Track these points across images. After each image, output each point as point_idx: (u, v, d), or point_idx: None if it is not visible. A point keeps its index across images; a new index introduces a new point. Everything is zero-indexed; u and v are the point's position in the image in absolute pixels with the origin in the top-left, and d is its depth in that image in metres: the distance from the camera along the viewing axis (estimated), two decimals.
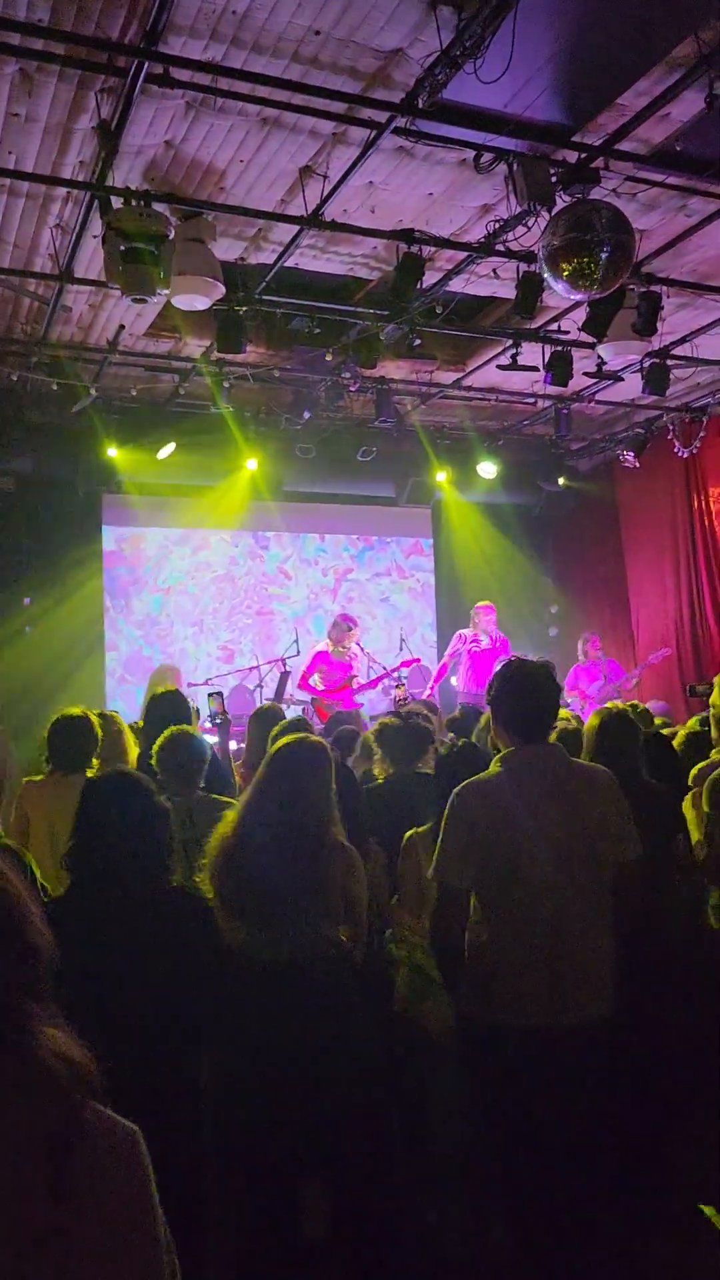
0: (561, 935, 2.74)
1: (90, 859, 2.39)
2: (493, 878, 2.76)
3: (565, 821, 2.79)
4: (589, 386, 9.28)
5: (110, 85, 4.83)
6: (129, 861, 2.36)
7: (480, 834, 2.77)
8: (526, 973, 2.73)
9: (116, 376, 8.91)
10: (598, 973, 2.80)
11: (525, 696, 2.91)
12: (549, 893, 2.74)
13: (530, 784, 2.82)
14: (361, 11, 4.42)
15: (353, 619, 9.69)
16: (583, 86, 4.89)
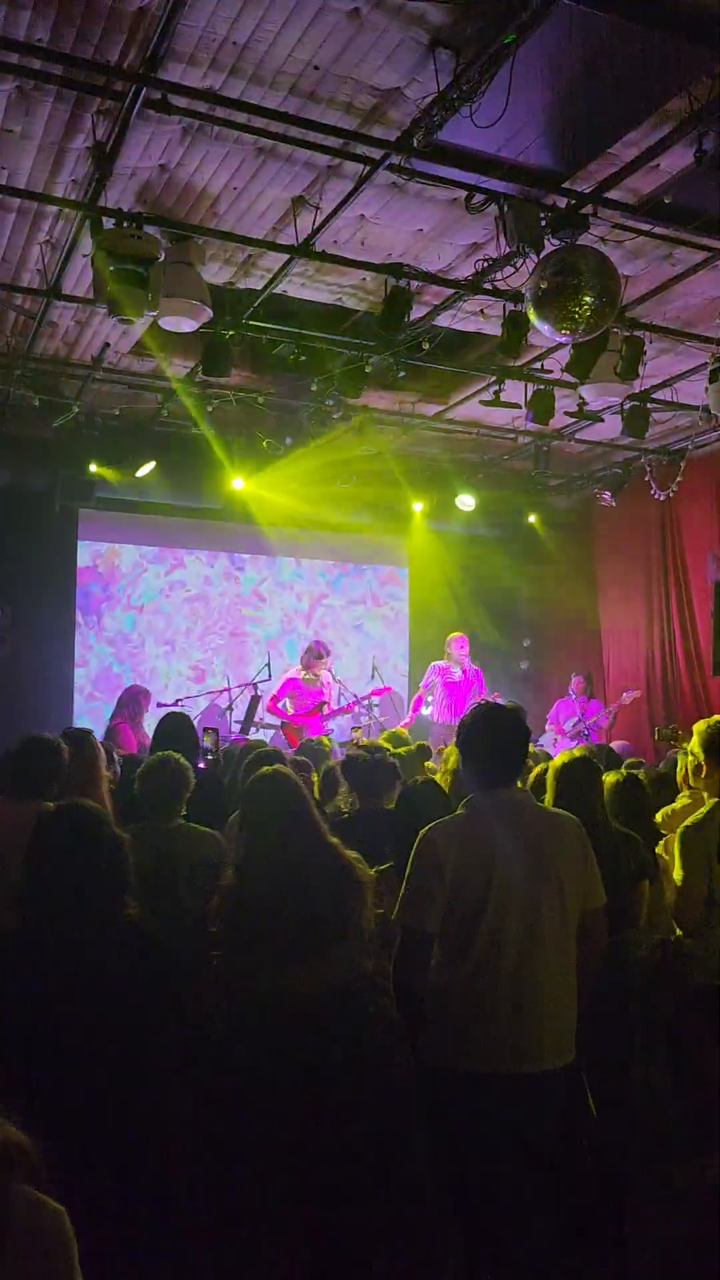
0: (526, 983, 2.72)
1: (41, 893, 2.35)
2: (458, 922, 2.74)
3: (532, 868, 2.78)
4: (569, 425, 9.36)
5: (107, 108, 4.84)
6: (80, 896, 2.32)
7: (447, 877, 2.75)
8: (489, 1020, 2.71)
9: (99, 393, 8.89)
10: (561, 1021, 2.79)
11: (495, 740, 2.90)
12: (514, 939, 2.72)
13: (498, 828, 2.81)
14: (361, 50, 4.46)
15: (325, 646, 9.70)
16: (575, 135, 4.96)
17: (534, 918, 2.75)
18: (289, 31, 4.35)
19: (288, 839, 2.75)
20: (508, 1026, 2.70)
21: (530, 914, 2.75)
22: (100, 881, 2.37)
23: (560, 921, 2.80)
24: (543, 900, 2.76)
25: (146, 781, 3.96)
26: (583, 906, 2.86)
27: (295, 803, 2.83)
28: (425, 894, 2.77)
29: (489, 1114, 2.65)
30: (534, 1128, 2.68)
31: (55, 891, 2.34)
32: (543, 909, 2.76)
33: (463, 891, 2.74)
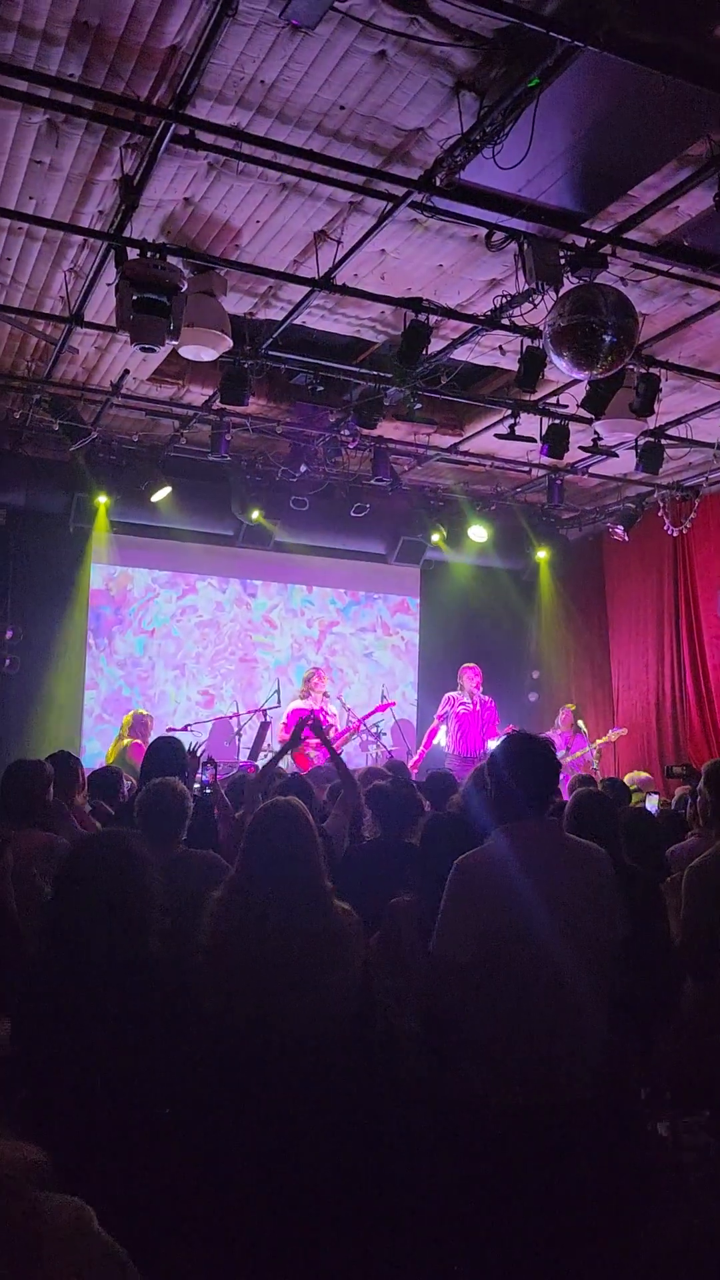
0: (556, 1013, 2.72)
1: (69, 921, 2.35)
2: (490, 952, 2.74)
3: (564, 898, 2.78)
4: (583, 459, 9.41)
5: (135, 142, 4.92)
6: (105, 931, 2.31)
7: (482, 908, 2.75)
8: (519, 1050, 2.70)
9: (117, 418, 8.98)
10: (588, 1053, 2.78)
11: (526, 771, 2.91)
12: (546, 969, 2.72)
13: (530, 859, 2.82)
14: (386, 91, 4.54)
15: (319, 671, 9.70)
16: (596, 178, 5.03)
17: (565, 948, 2.74)
18: (316, 72, 4.43)
19: (284, 870, 2.73)
20: (538, 1057, 2.69)
21: (562, 944, 2.74)
22: (128, 916, 2.35)
23: (591, 952, 2.80)
24: (573, 930, 2.76)
25: (147, 808, 3.93)
26: (609, 937, 2.86)
27: (299, 837, 2.81)
28: (458, 924, 2.77)
29: (514, 1143, 2.63)
30: (556, 1158, 2.66)
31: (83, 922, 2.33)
32: (573, 939, 2.75)
33: (495, 921, 2.73)
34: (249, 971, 2.63)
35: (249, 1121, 2.56)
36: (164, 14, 4.11)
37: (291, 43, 4.24)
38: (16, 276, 6.41)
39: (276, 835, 2.82)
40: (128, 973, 2.32)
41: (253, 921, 2.65)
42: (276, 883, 2.72)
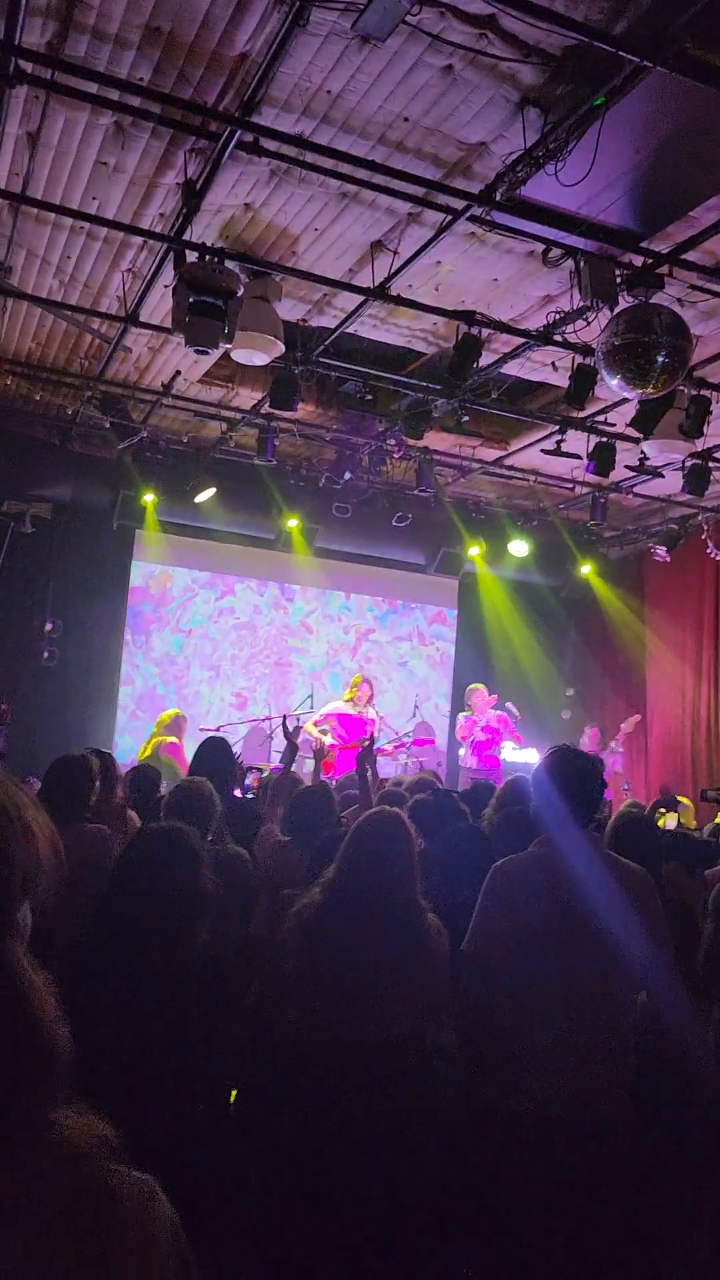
0: (588, 1026, 2.71)
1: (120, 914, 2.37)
2: (524, 959, 2.73)
3: (601, 911, 2.77)
4: (628, 479, 9.36)
5: (200, 146, 4.97)
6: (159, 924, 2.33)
7: (518, 912, 2.76)
8: (550, 1062, 2.69)
9: (165, 418, 9.05)
10: (619, 1069, 2.76)
11: (571, 783, 2.91)
12: (580, 981, 2.71)
13: (570, 869, 2.81)
14: (451, 104, 4.56)
15: (367, 679, 9.74)
16: (657, 197, 5.01)
17: (601, 962, 2.74)
18: (383, 83, 4.46)
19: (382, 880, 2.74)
20: (567, 1068, 2.68)
21: (598, 958, 2.74)
22: (181, 910, 2.38)
23: (624, 968, 2.79)
24: (610, 945, 2.75)
25: (175, 806, 3.96)
26: (648, 954, 2.85)
27: (402, 848, 2.81)
28: (494, 927, 2.78)
29: (543, 1159, 2.62)
30: (586, 1173, 2.64)
31: (137, 913, 2.35)
32: (610, 954, 2.75)
33: (530, 928, 2.74)
34: (336, 981, 2.64)
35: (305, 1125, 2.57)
36: (236, 22, 4.16)
37: (360, 54, 4.27)
38: (75, 275, 6.49)
39: (378, 844, 2.83)
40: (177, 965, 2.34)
41: (345, 933, 2.67)
42: (374, 891, 2.73)
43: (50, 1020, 0.95)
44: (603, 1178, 2.67)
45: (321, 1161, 2.54)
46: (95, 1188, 0.91)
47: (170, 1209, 0.95)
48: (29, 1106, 0.91)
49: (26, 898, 0.98)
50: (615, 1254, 2.71)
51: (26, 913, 0.97)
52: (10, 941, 0.95)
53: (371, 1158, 2.50)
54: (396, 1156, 2.50)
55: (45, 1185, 0.89)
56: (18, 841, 0.96)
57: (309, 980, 2.72)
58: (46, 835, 1.01)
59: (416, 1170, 2.52)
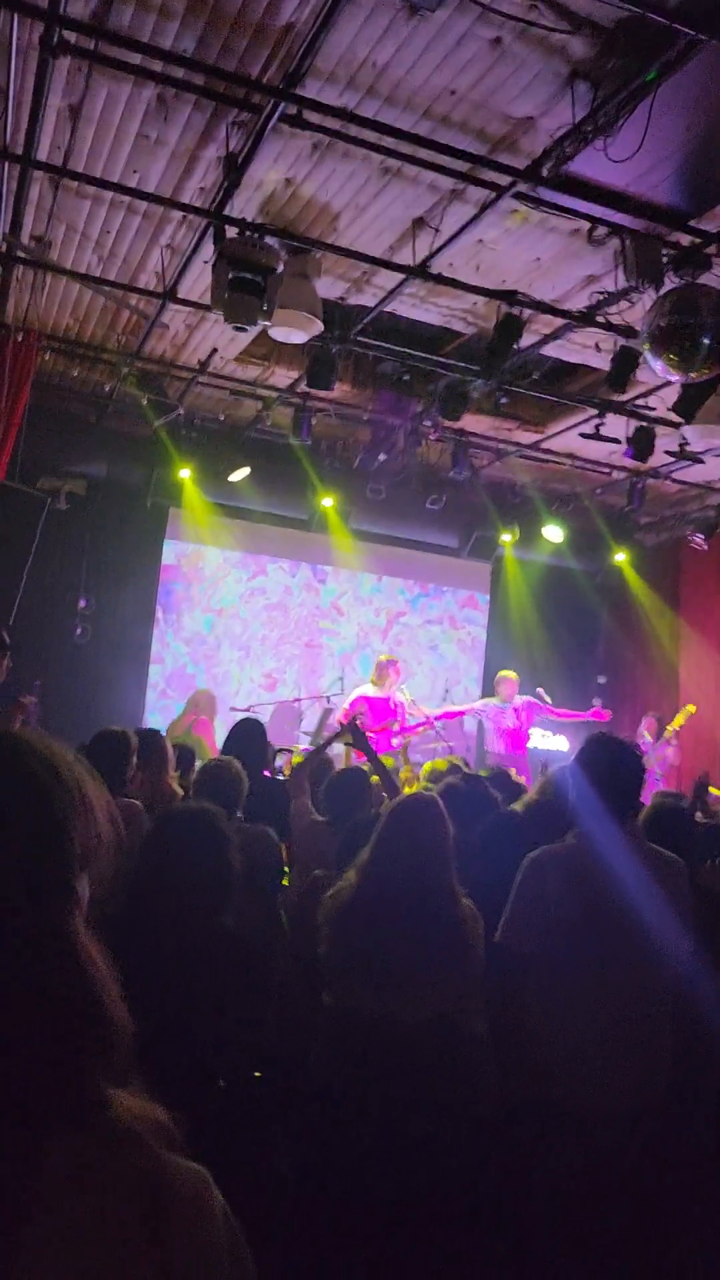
0: (622, 1018, 2.68)
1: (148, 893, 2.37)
2: (557, 948, 2.71)
3: (636, 902, 2.75)
4: (667, 464, 9.24)
5: (243, 119, 4.92)
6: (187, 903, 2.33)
7: (551, 903, 2.74)
8: (583, 1052, 2.67)
9: (201, 396, 9.02)
10: (655, 1061, 2.73)
11: (613, 773, 2.88)
12: (614, 971, 2.69)
13: (606, 861, 2.78)
14: (499, 78, 4.47)
15: (398, 665, 9.69)
16: (708, 176, 4.90)
17: (636, 952, 2.71)
18: (429, 56, 4.38)
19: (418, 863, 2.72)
20: (601, 1060, 2.66)
21: (632, 948, 2.71)
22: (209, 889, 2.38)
23: (657, 958, 2.76)
24: (645, 936, 2.72)
25: (203, 784, 3.98)
26: (674, 947, 2.82)
27: (439, 832, 2.80)
28: (527, 917, 2.77)
29: (576, 1148, 2.61)
30: (620, 1163, 2.62)
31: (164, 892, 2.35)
32: (644, 945, 2.72)
33: (566, 918, 2.72)
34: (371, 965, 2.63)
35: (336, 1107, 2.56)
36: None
37: (407, 25, 4.20)
38: (114, 250, 6.46)
39: (414, 828, 2.81)
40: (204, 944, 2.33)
41: (380, 917, 2.66)
42: (409, 875, 2.72)
43: (111, 996, 0.95)
44: (636, 1168, 2.64)
45: (351, 1143, 2.53)
46: (152, 1171, 0.91)
47: (221, 1199, 0.95)
48: (87, 1081, 0.91)
49: (86, 870, 0.96)
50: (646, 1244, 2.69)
51: (85, 885, 0.97)
52: (72, 914, 0.94)
53: (402, 1141, 2.49)
54: (428, 1141, 2.49)
55: (102, 1163, 0.89)
56: (78, 815, 0.96)
57: (342, 963, 2.70)
58: (104, 808, 1.01)
59: (448, 1156, 2.51)
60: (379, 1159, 2.48)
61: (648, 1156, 2.69)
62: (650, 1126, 2.70)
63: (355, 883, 2.79)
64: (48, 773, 0.96)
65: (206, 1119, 2.28)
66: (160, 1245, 0.88)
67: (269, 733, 9.07)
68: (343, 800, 4.21)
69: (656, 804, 3.86)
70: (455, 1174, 2.52)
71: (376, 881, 2.73)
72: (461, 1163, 2.53)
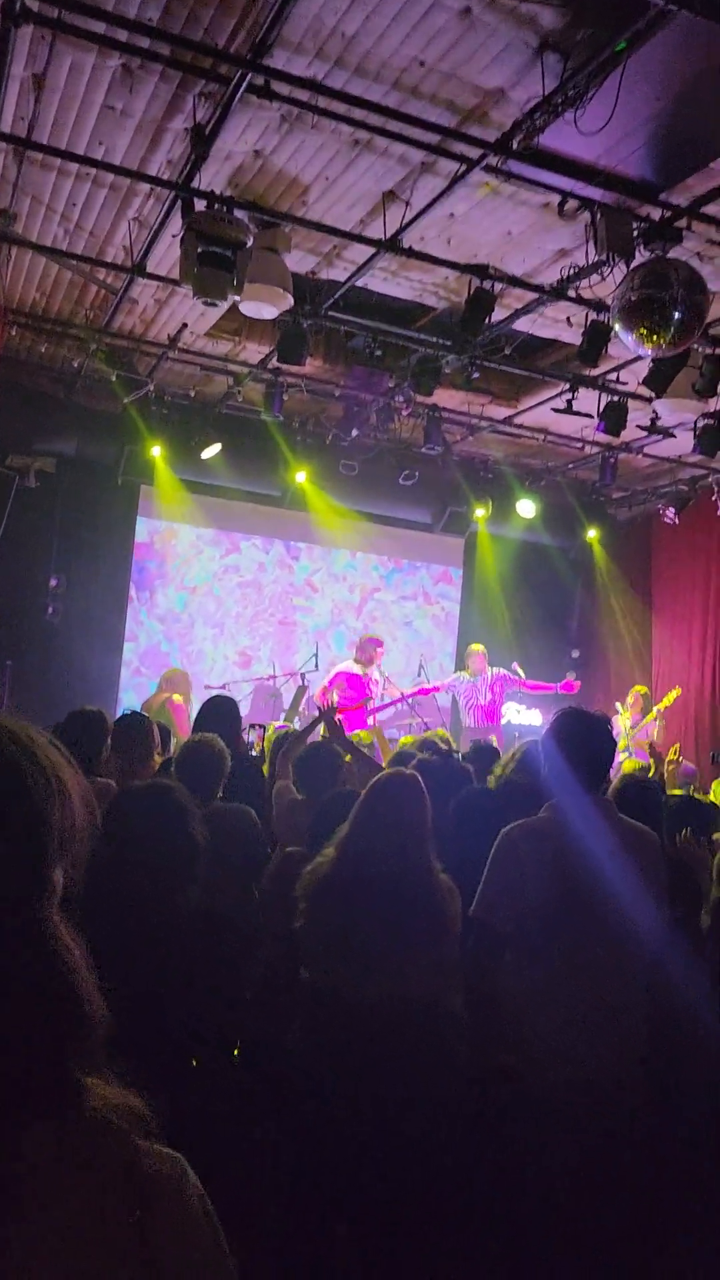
0: (596, 990, 2.71)
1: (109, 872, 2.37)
2: (533, 924, 2.74)
3: (612, 875, 2.77)
4: (639, 438, 9.27)
5: (210, 90, 4.85)
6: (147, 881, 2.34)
7: (526, 877, 2.75)
8: (557, 1024, 2.70)
9: (172, 371, 8.94)
10: (629, 1032, 2.77)
11: (584, 747, 2.89)
12: (589, 945, 2.72)
13: (580, 834, 2.80)
14: (469, 49, 4.43)
15: (380, 642, 9.73)
16: (678, 147, 4.89)
17: (611, 926, 2.74)
18: (398, 26, 4.33)
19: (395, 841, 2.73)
20: (576, 1029, 2.69)
21: (608, 921, 2.74)
22: (171, 866, 2.38)
23: (631, 929, 2.79)
24: (618, 909, 2.75)
25: (184, 763, 3.97)
26: (645, 918, 2.85)
27: (418, 811, 2.81)
28: (502, 892, 2.78)
29: (552, 1121, 2.64)
30: (598, 1132, 2.66)
31: (126, 868, 2.35)
32: (618, 917, 2.75)
33: (540, 893, 2.73)
34: (348, 941, 2.65)
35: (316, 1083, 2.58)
36: None
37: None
38: (81, 223, 6.37)
39: (394, 806, 2.82)
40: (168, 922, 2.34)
41: (358, 893, 2.67)
42: (388, 852, 2.73)
43: (85, 984, 0.94)
44: (611, 1139, 2.68)
45: (330, 1119, 2.55)
46: (131, 1159, 0.91)
47: (198, 1184, 0.95)
48: (63, 1070, 0.91)
49: (62, 860, 0.96)
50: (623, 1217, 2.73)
51: (60, 873, 0.96)
52: (47, 904, 0.94)
53: (380, 1117, 2.51)
54: (405, 1117, 2.52)
55: (80, 1152, 0.89)
56: (54, 804, 0.95)
57: (320, 939, 2.72)
58: (80, 794, 0.99)
59: (425, 1132, 2.53)
60: (358, 1135, 2.51)
61: (625, 1129, 2.72)
62: (627, 1099, 2.73)
63: (333, 858, 2.80)
64: (26, 760, 0.94)
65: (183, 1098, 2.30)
66: (143, 1233, 0.88)
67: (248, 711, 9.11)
68: (314, 776, 4.22)
69: (625, 777, 3.88)
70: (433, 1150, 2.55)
71: (355, 858, 2.74)
72: (439, 1139, 2.56)
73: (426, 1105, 2.55)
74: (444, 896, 2.76)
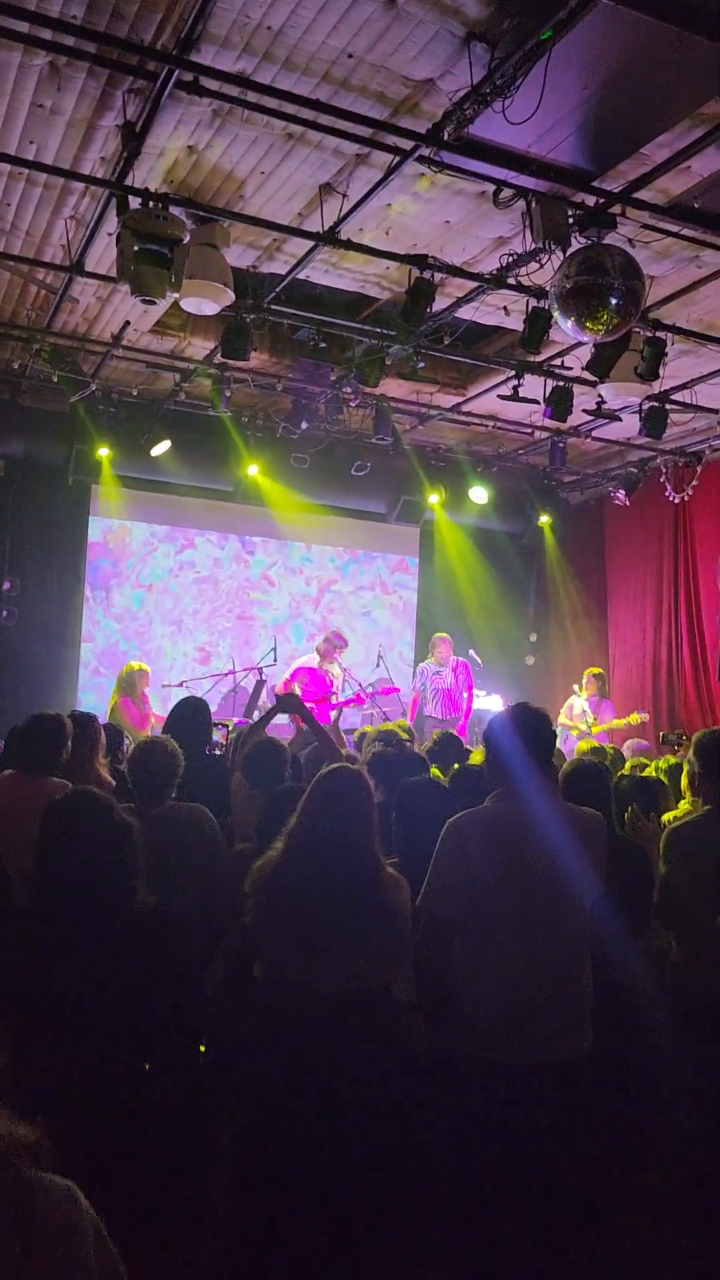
0: (545, 972, 2.76)
1: (50, 878, 2.38)
2: (480, 911, 2.78)
3: (554, 860, 2.82)
4: (586, 423, 9.34)
5: (138, 87, 4.82)
6: (87, 882, 2.35)
7: (472, 865, 2.79)
8: (509, 1008, 2.74)
9: (117, 370, 8.88)
10: (577, 1011, 2.82)
11: (523, 737, 2.94)
12: (535, 930, 2.76)
13: (524, 821, 2.85)
14: (396, 39, 4.43)
15: (344, 638, 9.75)
16: (608, 134, 4.92)
17: (555, 910, 2.79)
18: (324, 18, 4.32)
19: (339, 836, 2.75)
20: (525, 1013, 2.73)
21: (551, 906, 2.78)
22: (108, 868, 2.39)
23: (577, 913, 2.84)
24: (563, 894, 2.80)
25: (137, 764, 3.98)
26: (594, 900, 2.91)
27: (362, 804, 2.83)
28: (448, 880, 2.82)
29: (505, 1101, 2.68)
30: (549, 1115, 2.70)
31: (63, 877, 2.36)
32: (562, 900, 2.80)
33: (486, 880, 2.78)
34: (297, 933, 2.67)
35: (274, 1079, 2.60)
36: None
37: None
38: (16, 223, 6.31)
39: (334, 802, 2.84)
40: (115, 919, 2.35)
41: (306, 885, 2.69)
42: (334, 846, 2.75)
43: None
44: (561, 1119, 2.73)
45: (287, 1114, 2.57)
46: (19, 1191, 0.91)
47: (92, 1212, 0.96)
48: None
49: None
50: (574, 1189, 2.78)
51: None
52: None
53: (335, 1109, 2.54)
54: (360, 1108, 2.54)
55: None
56: None
57: (271, 936, 2.74)
58: None
59: (382, 1121, 2.57)
60: (314, 1128, 2.53)
61: (573, 1107, 2.77)
62: (574, 1078, 2.78)
63: (280, 852, 2.83)
64: None
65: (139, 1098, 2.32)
66: (30, 1262, 0.89)
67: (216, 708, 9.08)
68: (262, 771, 4.25)
69: (575, 762, 3.94)
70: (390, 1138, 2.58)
71: (301, 853, 2.77)
72: (396, 1126, 2.59)
73: (382, 1095, 2.58)
74: (390, 887, 2.79)
